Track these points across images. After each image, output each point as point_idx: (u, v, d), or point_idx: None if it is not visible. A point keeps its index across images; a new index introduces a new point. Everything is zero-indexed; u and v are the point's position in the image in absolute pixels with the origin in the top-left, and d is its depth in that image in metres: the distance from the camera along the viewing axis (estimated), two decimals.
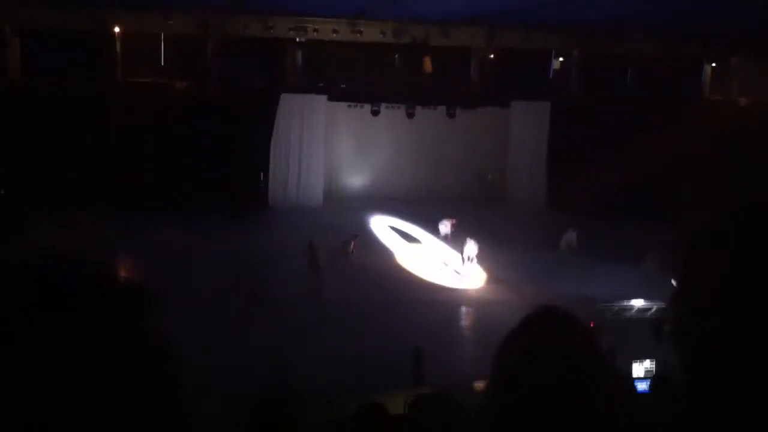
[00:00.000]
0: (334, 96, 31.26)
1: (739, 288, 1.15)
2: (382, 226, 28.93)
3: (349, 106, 31.78)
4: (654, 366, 14.65)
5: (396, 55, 32.81)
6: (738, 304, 1.15)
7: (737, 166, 24.38)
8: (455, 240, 25.83)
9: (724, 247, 1.21)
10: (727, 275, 1.17)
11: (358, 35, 30.64)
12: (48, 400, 1.05)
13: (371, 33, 30.68)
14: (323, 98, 31.04)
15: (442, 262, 25.23)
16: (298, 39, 30.92)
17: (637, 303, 18.65)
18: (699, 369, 1.19)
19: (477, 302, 22.08)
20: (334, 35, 30.64)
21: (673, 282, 1.30)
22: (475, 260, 23.79)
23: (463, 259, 23.91)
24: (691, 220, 1.34)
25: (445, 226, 27.08)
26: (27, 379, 1.05)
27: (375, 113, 31.52)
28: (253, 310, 19.76)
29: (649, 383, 14.35)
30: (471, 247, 23.69)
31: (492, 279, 23.60)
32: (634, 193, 27.70)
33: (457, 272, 24.04)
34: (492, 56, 33.20)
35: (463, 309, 21.83)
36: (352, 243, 24.58)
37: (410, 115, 31.71)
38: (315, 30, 30.52)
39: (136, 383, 1.12)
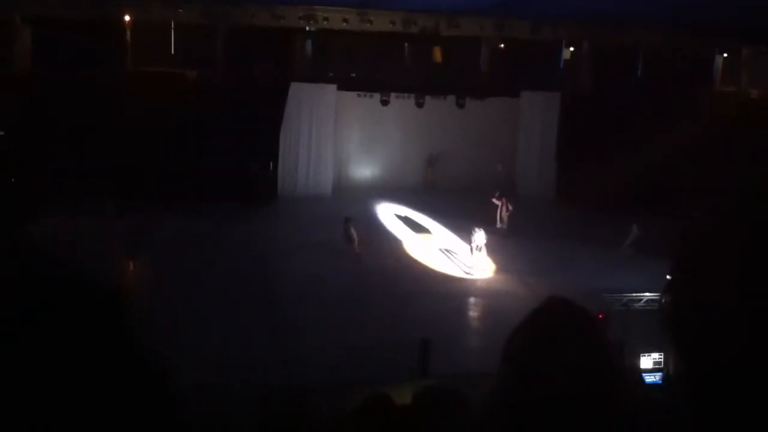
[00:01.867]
0: (344, 85, 31.22)
1: (739, 278, 1.14)
2: (390, 215, 28.92)
3: (359, 95, 31.73)
4: (663, 358, 14.63)
5: (405, 45, 32.74)
6: (738, 294, 1.13)
7: (746, 157, 24.26)
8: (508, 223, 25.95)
9: (724, 237, 1.19)
10: (727, 266, 1.16)
11: (368, 25, 30.59)
12: (26, 410, 1.04)
13: (381, 22, 30.63)
14: (333, 88, 31.00)
15: (450, 251, 25.18)
16: (307, 28, 30.89)
17: (646, 294, 18.59)
18: (697, 360, 1.18)
19: (485, 293, 22.03)
20: (344, 24, 30.59)
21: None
22: (483, 250, 23.72)
23: (471, 249, 23.84)
24: (692, 211, 1.33)
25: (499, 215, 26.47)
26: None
27: (384, 103, 31.48)
28: (260, 300, 19.82)
29: (661, 375, 14.38)
30: (479, 236, 23.61)
31: (500, 270, 23.55)
32: (644, 185, 27.58)
33: (465, 263, 23.99)
34: (502, 46, 33.10)
35: (471, 299, 21.80)
36: (354, 234, 24.33)
37: (420, 105, 31.66)
38: (325, 19, 30.48)
39: (116, 389, 1.10)
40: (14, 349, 1.05)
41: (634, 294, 18.44)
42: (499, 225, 26.31)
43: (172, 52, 31.40)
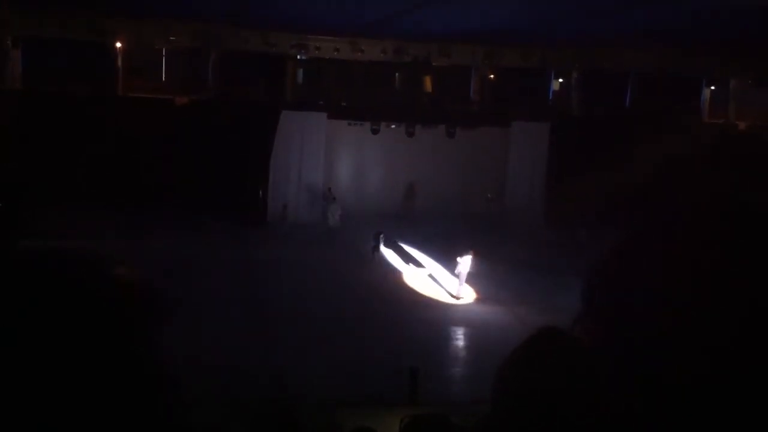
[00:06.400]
0: (335, 114, 31.27)
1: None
2: (380, 241, 28.97)
3: (349, 124, 31.78)
4: None
5: (396, 74, 32.88)
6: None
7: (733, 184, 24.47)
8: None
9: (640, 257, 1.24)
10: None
11: (360, 54, 30.71)
12: (37, 401, 1.05)
13: (372, 51, 30.77)
14: (323, 116, 31.05)
15: (433, 277, 25.15)
16: (299, 56, 30.99)
17: None
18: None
19: (467, 320, 21.92)
20: (336, 53, 30.70)
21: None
22: (465, 277, 23.61)
23: (455, 274, 23.76)
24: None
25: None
26: (16, 379, 1.05)
27: (375, 131, 31.53)
28: (252, 323, 19.80)
29: None
30: (464, 263, 23.51)
31: (484, 296, 23.47)
32: (633, 213, 27.70)
33: (448, 288, 23.95)
34: (492, 76, 33.29)
35: (453, 326, 21.68)
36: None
37: (410, 134, 31.71)
38: (317, 48, 30.58)
39: (128, 389, 1.12)
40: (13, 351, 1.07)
41: None
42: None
43: (164, 78, 31.46)
